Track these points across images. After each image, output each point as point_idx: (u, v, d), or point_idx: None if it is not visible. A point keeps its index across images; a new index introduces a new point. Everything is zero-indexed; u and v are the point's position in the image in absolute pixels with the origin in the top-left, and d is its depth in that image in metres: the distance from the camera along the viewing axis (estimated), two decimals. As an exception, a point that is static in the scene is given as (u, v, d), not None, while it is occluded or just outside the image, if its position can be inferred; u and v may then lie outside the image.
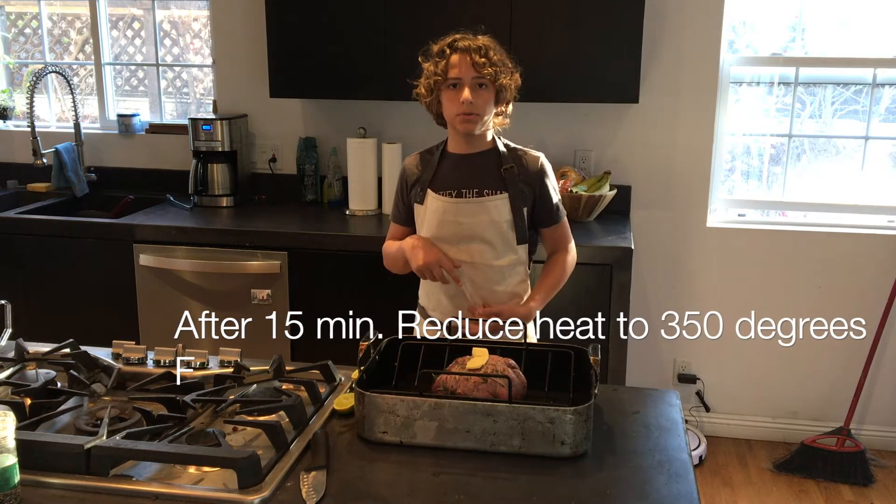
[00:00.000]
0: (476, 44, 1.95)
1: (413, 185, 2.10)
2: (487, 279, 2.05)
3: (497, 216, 2.01)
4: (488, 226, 2.01)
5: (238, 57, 3.56)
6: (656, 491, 1.33)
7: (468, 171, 2.04)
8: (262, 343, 3.02)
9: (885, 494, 3.10)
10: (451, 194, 2.02)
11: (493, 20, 2.20)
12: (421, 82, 2.03)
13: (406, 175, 2.13)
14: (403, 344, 1.69)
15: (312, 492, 1.29)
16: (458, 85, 1.95)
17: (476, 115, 1.96)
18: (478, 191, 2.01)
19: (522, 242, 2.05)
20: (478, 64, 1.92)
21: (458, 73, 1.94)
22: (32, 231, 3.20)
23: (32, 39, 3.96)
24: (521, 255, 2.07)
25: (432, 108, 2.04)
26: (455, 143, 2.07)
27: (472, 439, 1.44)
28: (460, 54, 1.94)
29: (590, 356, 1.61)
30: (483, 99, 1.96)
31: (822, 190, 3.40)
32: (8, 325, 1.89)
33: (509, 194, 2.01)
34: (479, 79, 1.94)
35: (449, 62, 1.95)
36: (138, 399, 1.57)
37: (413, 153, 2.16)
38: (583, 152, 3.38)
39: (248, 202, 3.54)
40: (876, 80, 3.27)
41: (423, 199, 2.06)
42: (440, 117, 2.06)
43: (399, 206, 2.17)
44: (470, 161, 2.05)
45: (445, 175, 2.05)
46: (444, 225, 2.02)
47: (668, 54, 3.24)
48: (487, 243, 2.02)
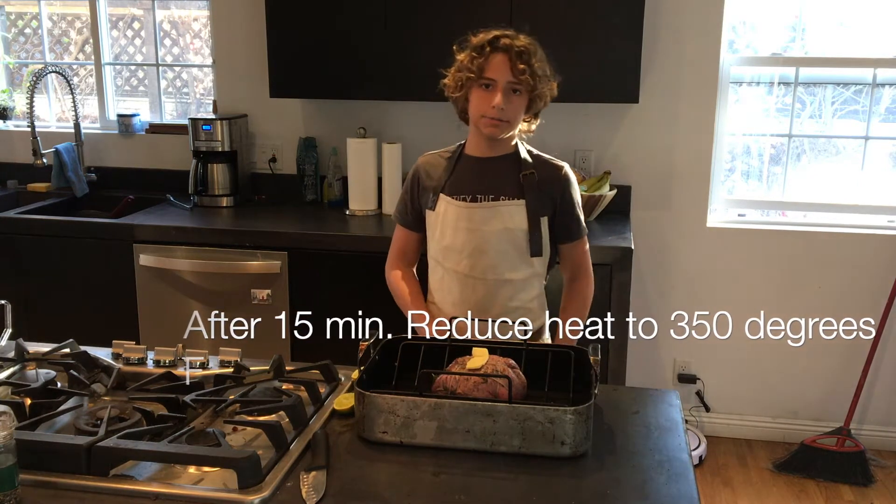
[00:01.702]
0: (518, 45, 1.82)
1: (425, 190, 1.99)
2: (500, 294, 1.94)
3: (511, 223, 1.90)
4: (502, 234, 1.90)
5: (238, 57, 3.56)
6: (656, 491, 1.33)
7: (486, 176, 1.93)
8: (262, 343, 3.03)
9: (885, 494, 3.10)
10: (466, 199, 1.92)
11: (492, 20, 2.19)
12: (451, 73, 1.90)
13: (418, 176, 2.02)
14: (403, 344, 1.69)
15: (312, 492, 1.29)
16: (492, 87, 1.83)
17: (505, 121, 1.85)
18: (493, 196, 1.91)
19: (537, 255, 1.94)
20: (517, 69, 1.80)
21: (494, 75, 1.82)
22: (32, 231, 3.20)
23: (32, 39, 3.96)
24: (536, 269, 1.96)
25: (458, 103, 1.92)
26: (475, 145, 1.97)
27: (472, 439, 1.43)
28: (501, 55, 1.82)
29: (590, 356, 1.61)
30: (515, 105, 1.85)
31: (822, 190, 3.40)
32: (8, 325, 1.89)
33: (526, 201, 1.90)
34: (516, 84, 1.82)
35: (487, 61, 1.82)
36: (138, 399, 1.57)
37: (428, 153, 2.04)
38: (583, 152, 3.38)
39: (248, 202, 3.54)
40: (876, 80, 3.27)
41: (436, 206, 1.95)
42: (464, 113, 1.94)
43: (407, 207, 2.06)
44: (488, 165, 1.95)
45: (461, 179, 1.95)
46: (457, 232, 1.92)
47: (668, 54, 3.24)
48: (501, 253, 1.91)
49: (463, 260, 1.92)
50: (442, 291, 1.99)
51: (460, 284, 1.96)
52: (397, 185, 3.31)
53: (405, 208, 2.06)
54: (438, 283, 2.01)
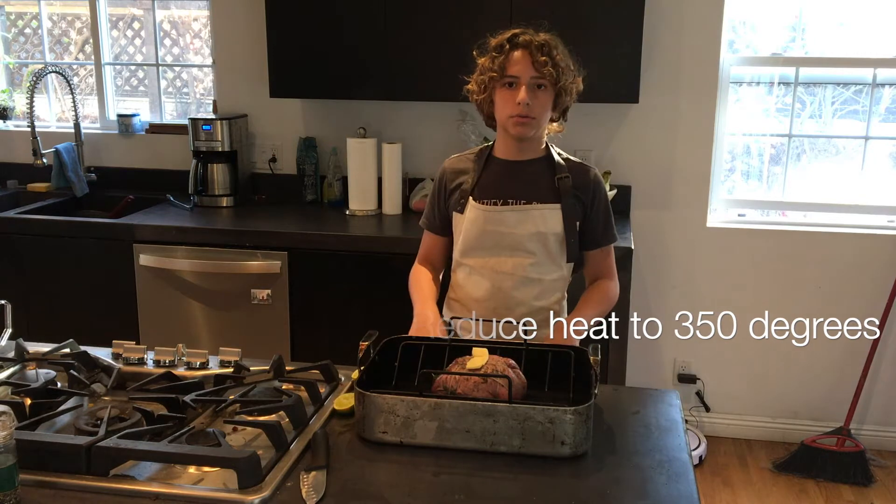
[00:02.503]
0: (538, 40, 1.80)
1: (452, 192, 1.95)
2: (527, 293, 1.91)
3: (544, 227, 1.87)
4: (533, 236, 1.87)
5: (238, 57, 3.56)
6: (656, 491, 1.33)
7: (517, 180, 1.89)
8: (262, 343, 3.04)
9: (885, 494, 3.10)
10: (497, 202, 1.88)
11: (492, 20, 2.19)
12: (473, 78, 1.87)
13: (445, 179, 1.97)
14: (403, 344, 1.69)
15: (312, 492, 1.29)
16: (515, 84, 1.80)
17: (531, 118, 1.81)
18: (526, 201, 1.87)
19: (571, 260, 1.92)
20: (538, 63, 1.77)
21: (516, 71, 1.79)
22: (32, 231, 3.20)
23: (32, 39, 3.96)
24: (564, 273, 1.94)
25: (483, 107, 1.89)
26: (504, 148, 1.92)
27: (472, 439, 1.43)
28: (521, 50, 1.79)
29: (590, 356, 1.61)
30: (540, 101, 1.81)
31: (823, 190, 3.40)
32: (8, 325, 1.89)
33: (562, 206, 1.86)
34: (539, 79, 1.79)
35: (508, 58, 1.79)
36: (138, 399, 1.57)
37: (453, 156, 2.01)
38: (583, 152, 3.37)
39: (248, 202, 3.54)
40: (876, 80, 3.27)
41: (465, 209, 1.91)
42: (491, 118, 1.91)
43: (434, 212, 2.01)
44: (520, 168, 1.90)
45: (491, 182, 1.90)
46: (484, 235, 1.88)
47: (668, 54, 3.24)
48: (531, 254, 1.88)
49: (491, 259, 1.90)
50: (467, 287, 1.96)
51: (488, 281, 1.93)
52: (397, 185, 3.31)
53: (432, 213, 2.02)
54: (464, 280, 1.97)
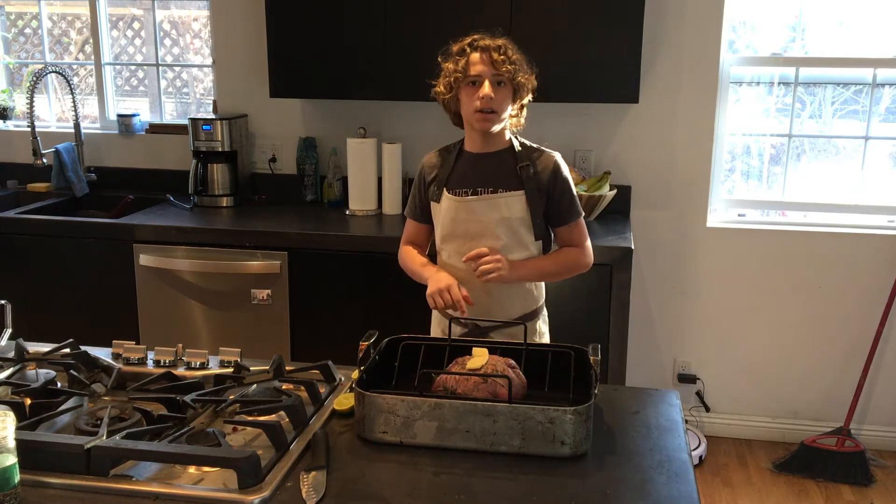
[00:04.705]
0: (496, 43, 2.01)
1: (430, 183, 2.15)
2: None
3: (508, 213, 2.05)
4: (500, 222, 2.05)
5: (238, 57, 3.56)
6: (656, 491, 1.33)
7: (485, 170, 2.08)
8: (262, 343, 3.04)
9: (885, 494, 3.10)
10: (467, 193, 2.07)
11: (492, 20, 2.20)
12: (440, 81, 2.08)
13: (424, 172, 2.18)
14: (403, 344, 1.69)
15: (312, 492, 1.29)
16: (478, 82, 2.00)
17: (493, 112, 2.00)
18: (493, 189, 2.06)
19: (539, 238, 2.09)
20: (497, 62, 1.98)
21: (478, 71, 1.99)
22: (32, 231, 3.20)
23: (32, 39, 3.96)
24: (532, 251, 2.10)
25: (450, 106, 2.09)
26: (472, 142, 2.12)
27: (472, 439, 1.44)
28: (480, 52, 2.00)
29: (590, 356, 1.61)
30: (501, 96, 2.01)
31: (822, 190, 3.40)
32: (8, 325, 1.89)
33: (525, 191, 2.05)
34: (498, 76, 1.99)
35: (469, 60, 2.00)
36: (138, 399, 1.57)
37: (432, 150, 2.20)
38: (583, 152, 3.38)
39: (248, 202, 3.54)
40: (876, 80, 3.27)
41: (440, 198, 2.10)
42: (457, 116, 2.11)
43: (416, 202, 2.22)
44: (486, 160, 2.10)
45: (462, 174, 2.10)
46: (457, 223, 2.08)
47: (668, 54, 3.24)
48: (498, 239, 2.05)
49: (465, 244, 2.07)
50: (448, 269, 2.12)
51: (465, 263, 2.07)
52: (397, 185, 3.31)
53: (414, 203, 2.22)
54: (446, 263, 2.15)
